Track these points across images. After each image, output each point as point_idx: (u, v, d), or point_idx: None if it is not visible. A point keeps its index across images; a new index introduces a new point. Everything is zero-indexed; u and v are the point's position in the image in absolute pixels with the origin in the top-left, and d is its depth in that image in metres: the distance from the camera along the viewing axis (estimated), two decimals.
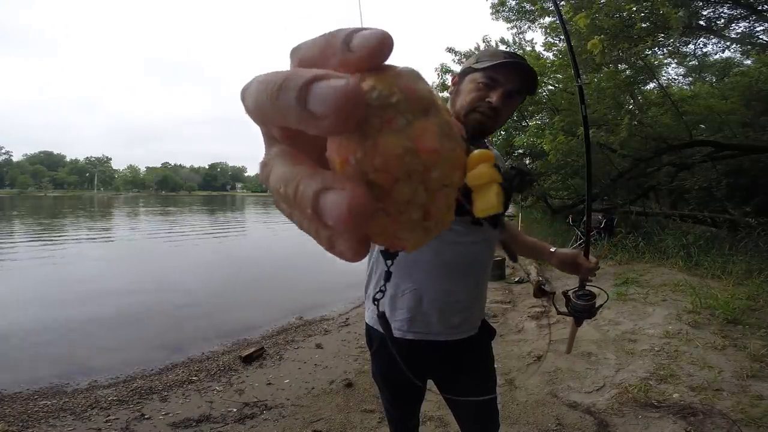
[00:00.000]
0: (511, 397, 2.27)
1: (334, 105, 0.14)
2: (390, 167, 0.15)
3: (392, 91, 0.15)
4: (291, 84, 0.14)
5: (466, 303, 1.00)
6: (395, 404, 1.13)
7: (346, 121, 0.14)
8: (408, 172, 0.15)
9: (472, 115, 0.93)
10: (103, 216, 21.42)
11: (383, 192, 0.16)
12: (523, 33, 9.11)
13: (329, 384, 2.66)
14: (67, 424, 2.23)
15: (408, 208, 0.16)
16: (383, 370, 1.07)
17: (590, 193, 1.35)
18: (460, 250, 0.95)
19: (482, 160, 0.18)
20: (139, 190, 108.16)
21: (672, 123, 6.32)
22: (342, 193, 0.14)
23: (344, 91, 0.14)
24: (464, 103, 0.94)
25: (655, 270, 4.58)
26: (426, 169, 0.16)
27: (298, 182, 0.16)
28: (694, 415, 1.87)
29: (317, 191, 0.15)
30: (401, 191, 0.16)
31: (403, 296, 0.96)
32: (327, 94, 0.14)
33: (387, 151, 0.15)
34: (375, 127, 0.15)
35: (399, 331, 0.97)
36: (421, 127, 0.15)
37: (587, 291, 1.10)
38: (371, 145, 0.15)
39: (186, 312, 4.69)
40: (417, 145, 0.15)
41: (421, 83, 0.16)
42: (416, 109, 0.16)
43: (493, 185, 0.18)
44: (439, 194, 0.17)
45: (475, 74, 0.94)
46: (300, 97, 0.14)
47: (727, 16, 6.89)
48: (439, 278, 0.95)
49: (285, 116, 0.15)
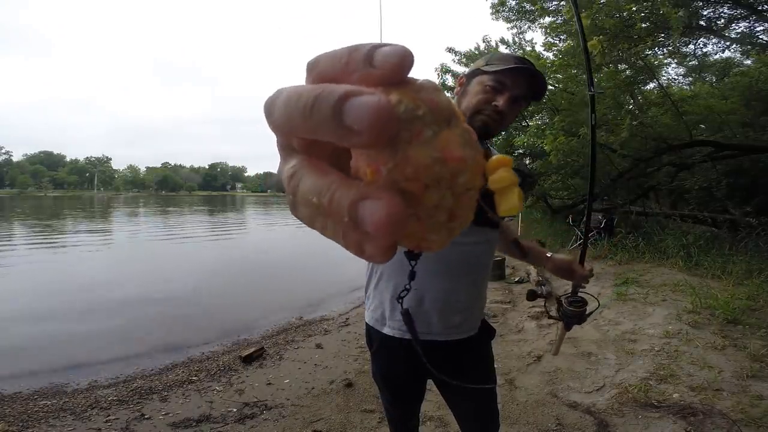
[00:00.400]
0: (511, 397, 2.27)
1: (370, 121, 0.14)
2: (420, 176, 0.16)
3: (418, 105, 0.16)
4: (325, 99, 0.15)
5: (467, 303, 1.00)
6: (395, 404, 1.13)
7: (380, 136, 0.15)
8: (437, 179, 0.17)
9: (477, 117, 0.94)
10: (103, 216, 21.42)
11: (414, 199, 0.17)
12: (523, 33, 9.14)
13: (329, 384, 2.66)
14: (67, 424, 2.23)
15: (436, 212, 0.18)
16: (383, 369, 1.07)
17: (591, 200, 1.35)
18: (463, 250, 0.95)
19: (501, 164, 0.20)
20: (139, 190, 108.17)
21: (672, 123, 6.32)
22: (379, 202, 0.15)
23: (378, 107, 0.14)
24: (470, 105, 0.95)
25: (655, 270, 4.58)
26: (453, 176, 0.17)
27: (333, 192, 0.16)
28: (694, 415, 1.87)
29: (354, 200, 0.16)
30: (431, 197, 0.17)
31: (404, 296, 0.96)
32: (363, 110, 0.14)
33: (417, 162, 0.16)
34: (404, 140, 0.16)
35: (399, 332, 0.97)
36: (445, 137, 0.17)
37: (579, 297, 1.13)
38: (402, 156, 0.16)
39: (186, 312, 4.70)
40: (444, 154, 0.16)
41: (441, 95, 0.17)
42: (440, 120, 0.17)
43: (514, 188, 0.20)
44: (463, 197, 0.18)
45: (483, 77, 0.94)
46: (336, 112, 0.15)
47: (727, 16, 6.89)
48: (440, 278, 0.95)
49: (318, 130, 0.15)
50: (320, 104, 0.15)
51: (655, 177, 7.15)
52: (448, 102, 0.17)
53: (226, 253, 9.77)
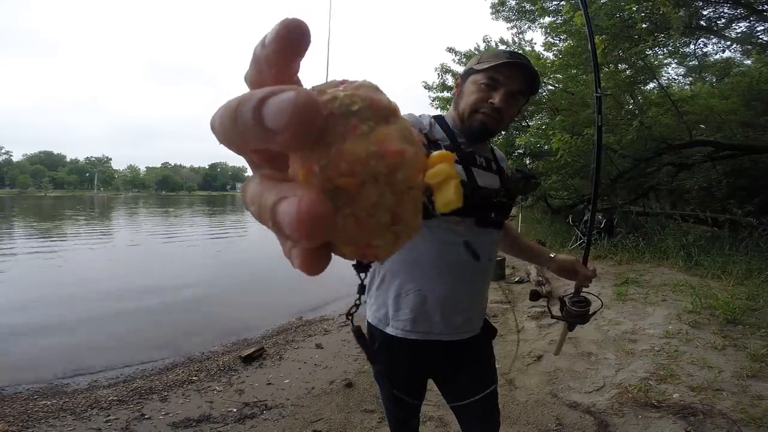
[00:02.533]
0: (511, 397, 2.27)
1: (288, 116, 0.14)
2: (355, 171, 0.16)
3: (354, 100, 0.16)
4: (246, 104, 0.14)
5: (468, 304, 1.00)
6: (396, 403, 1.13)
7: (303, 133, 0.14)
8: (373, 174, 0.16)
9: (475, 116, 0.93)
10: (103, 216, 21.42)
11: (350, 196, 0.16)
12: (523, 33, 9.09)
13: (329, 384, 2.66)
14: (67, 424, 2.23)
15: (377, 211, 0.17)
16: (386, 369, 1.07)
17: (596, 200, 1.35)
18: (463, 250, 0.95)
19: (442, 160, 0.19)
20: (139, 190, 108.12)
21: (672, 123, 6.32)
22: (294, 198, 0.14)
23: (295, 101, 0.14)
24: (467, 105, 0.94)
25: (655, 270, 4.58)
26: (390, 171, 0.16)
27: (262, 197, 0.16)
28: (694, 415, 1.87)
29: (275, 202, 0.15)
30: (368, 194, 0.16)
31: (407, 296, 0.96)
32: (279, 107, 0.14)
33: (352, 156, 0.15)
34: (339, 135, 0.15)
35: (402, 331, 0.97)
36: (383, 132, 0.16)
37: (582, 297, 1.12)
38: (336, 151, 0.15)
39: (186, 312, 4.70)
40: (380, 148, 0.16)
41: (380, 94, 0.17)
42: (378, 117, 0.16)
43: (451, 181, 0.19)
44: (405, 196, 0.17)
45: (477, 75, 0.93)
46: (255, 115, 0.14)
47: (728, 16, 6.88)
48: (442, 279, 0.95)
49: (247, 138, 0.15)
50: (242, 109, 0.14)
51: (655, 177, 7.15)
52: (389, 101, 0.17)
53: (225, 254, 9.76)
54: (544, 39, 7.87)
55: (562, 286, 4.27)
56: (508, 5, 8.35)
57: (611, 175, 6.68)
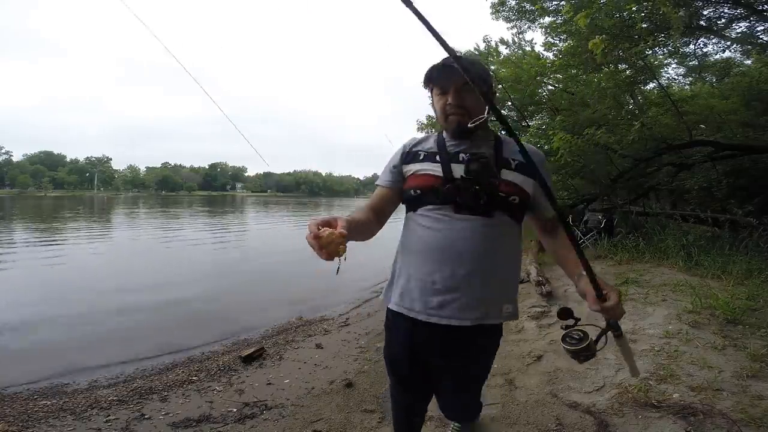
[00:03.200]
0: (511, 397, 2.27)
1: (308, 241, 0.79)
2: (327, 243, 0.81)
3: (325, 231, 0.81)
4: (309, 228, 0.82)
5: (443, 287, 1.03)
6: (398, 384, 1.26)
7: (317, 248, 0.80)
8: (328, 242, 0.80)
9: (448, 119, 1.08)
10: (103, 216, 21.42)
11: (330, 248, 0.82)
12: (523, 33, 9.09)
13: (329, 384, 2.66)
14: (67, 424, 2.23)
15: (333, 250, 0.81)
16: (389, 348, 1.22)
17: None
18: (438, 236, 1.04)
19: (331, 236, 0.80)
20: (139, 190, 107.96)
21: (672, 123, 6.31)
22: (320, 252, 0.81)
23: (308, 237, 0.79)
24: (439, 115, 1.12)
25: (655, 270, 4.57)
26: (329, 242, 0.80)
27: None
28: (694, 415, 1.86)
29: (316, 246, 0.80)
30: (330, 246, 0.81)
31: (400, 277, 1.12)
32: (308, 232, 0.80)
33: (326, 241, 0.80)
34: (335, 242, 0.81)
35: (395, 305, 1.12)
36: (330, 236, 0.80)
37: (575, 334, 0.97)
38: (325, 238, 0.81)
39: (186, 312, 4.70)
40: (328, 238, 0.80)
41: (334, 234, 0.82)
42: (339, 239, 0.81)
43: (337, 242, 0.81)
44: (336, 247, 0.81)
45: (430, 88, 1.11)
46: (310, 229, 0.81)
47: (728, 16, 6.88)
48: (420, 261, 1.07)
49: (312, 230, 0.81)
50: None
51: (655, 177, 7.15)
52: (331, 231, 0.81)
53: (226, 254, 9.77)
54: (544, 39, 7.89)
55: (563, 286, 4.27)
56: (508, 5, 8.35)
57: (611, 175, 6.68)
